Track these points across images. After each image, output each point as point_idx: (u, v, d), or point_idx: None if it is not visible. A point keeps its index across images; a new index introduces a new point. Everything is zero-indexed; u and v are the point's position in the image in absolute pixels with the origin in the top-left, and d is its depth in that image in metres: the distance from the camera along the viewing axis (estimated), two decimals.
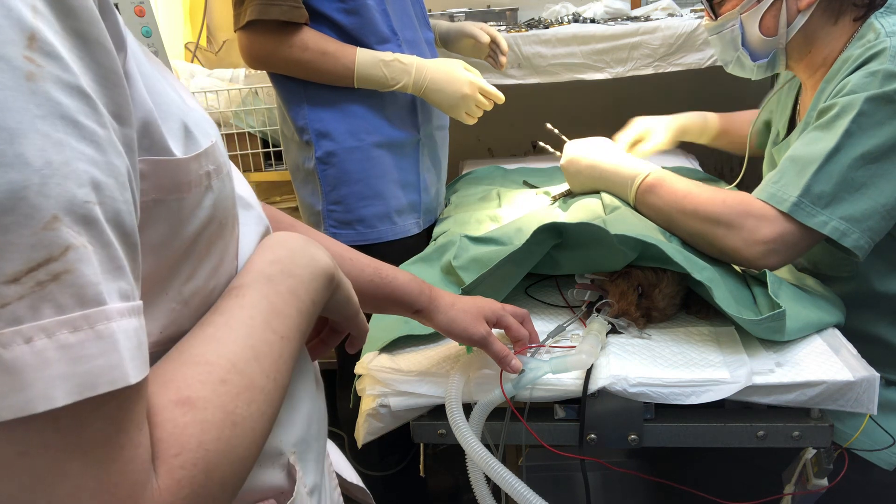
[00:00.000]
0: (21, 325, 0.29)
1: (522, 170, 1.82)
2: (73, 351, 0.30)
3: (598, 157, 1.24)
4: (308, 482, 0.54)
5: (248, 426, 0.41)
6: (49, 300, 0.30)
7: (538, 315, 1.03)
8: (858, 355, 0.88)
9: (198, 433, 0.38)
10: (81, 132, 0.32)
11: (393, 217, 1.45)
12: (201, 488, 0.37)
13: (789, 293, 0.98)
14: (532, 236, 0.98)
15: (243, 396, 0.41)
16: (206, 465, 0.37)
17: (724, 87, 1.39)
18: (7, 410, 0.29)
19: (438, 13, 2.12)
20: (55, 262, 0.30)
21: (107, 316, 0.31)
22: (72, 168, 0.31)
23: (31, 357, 0.29)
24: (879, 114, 0.92)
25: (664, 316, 0.99)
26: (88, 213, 0.31)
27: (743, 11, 1.09)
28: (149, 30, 1.45)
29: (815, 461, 0.88)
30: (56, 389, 0.30)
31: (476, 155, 2.31)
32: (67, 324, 0.30)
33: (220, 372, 0.41)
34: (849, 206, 0.93)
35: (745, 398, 0.84)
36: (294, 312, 0.49)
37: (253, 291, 0.47)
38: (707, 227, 1.01)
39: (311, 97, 1.37)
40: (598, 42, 1.83)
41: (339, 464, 0.71)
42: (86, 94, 0.33)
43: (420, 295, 0.79)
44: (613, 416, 0.85)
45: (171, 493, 0.35)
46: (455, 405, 0.81)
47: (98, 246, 0.32)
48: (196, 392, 0.39)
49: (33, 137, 0.30)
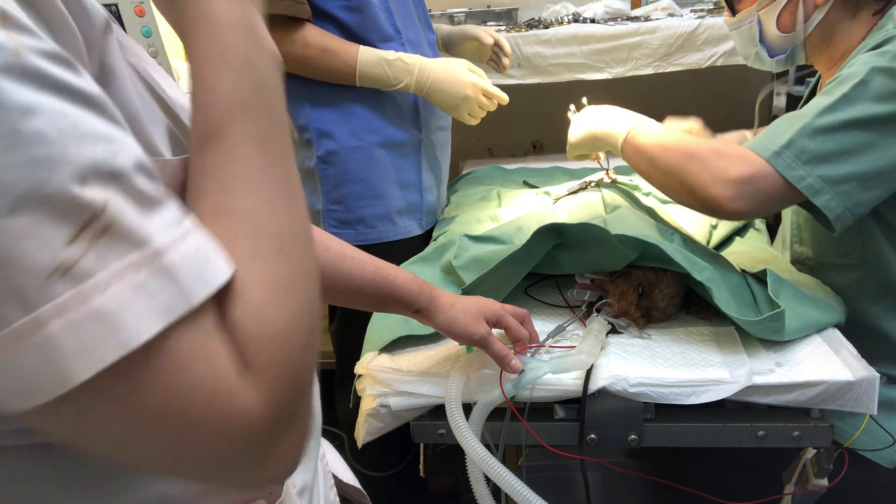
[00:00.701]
0: (94, 277, 0.32)
1: (522, 170, 1.82)
2: (144, 289, 0.33)
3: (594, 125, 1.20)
4: (297, 482, 0.54)
5: (300, 284, 0.41)
6: (108, 250, 0.33)
7: (538, 315, 1.03)
8: (858, 355, 0.88)
9: (254, 315, 0.38)
10: (75, 95, 0.33)
11: (393, 217, 1.44)
12: (285, 359, 0.39)
13: (789, 293, 0.98)
14: (532, 236, 0.98)
15: (281, 258, 0.41)
16: (282, 339, 0.39)
17: (724, 87, 1.39)
18: (112, 352, 0.32)
19: (438, 13, 2.12)
20: (99, 217, 0.32)
21: (159, 252, 0.34)
22: (82, 130, 0.33)
23: (113, 301, 0.32)
24: (882, 87, 0.91)
25: (664, 316, 0.99)
26: (111, 166, 0.34)
27: (760, 8, 1.09)
28: (149, 30, 1.45)
29: (816, 461, 0.88)
30: (144, 322, 0.33)
31: (476, 155, 2.31)
32: (131, 266, 0.33)
33: (248, 246, 0.40)
34: (829, 167, 0.91)
35: (745, 398, 0.84)
36: (279, 130, 0.44)
37: (231, 133, 0.42)
38: (682, 161, 0.98)
39: (312, 96, 1.36)
40: (598, 42, 1.83)
41: (335, 465, 0.71)
42: (64, 57, 0.34)
43: (420, 294, 0.80)
44: (613, 416, 0.85)
45: (263, 376, 0.38)
46: (455, 405, 0.81)
47: (129, 193, 0.34)
48: (243, 279, 0.39)
49: (41, 111, 0.31)
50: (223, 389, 0.36)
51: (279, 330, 0.39)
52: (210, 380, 0.36)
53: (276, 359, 0.39)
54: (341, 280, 0.75)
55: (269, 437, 0.39)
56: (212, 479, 0.42)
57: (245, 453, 0.38)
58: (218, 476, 0.40)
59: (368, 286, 0.76)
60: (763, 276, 1.00)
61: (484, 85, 1.36)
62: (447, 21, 2.13)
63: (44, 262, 0.31)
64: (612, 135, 1.12)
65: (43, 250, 0.31)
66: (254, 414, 0.37)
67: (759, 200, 0.94)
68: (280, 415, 0.39)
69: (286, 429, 0.40)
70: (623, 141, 1.09)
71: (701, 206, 0.98)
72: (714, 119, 1.37)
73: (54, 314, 0.31)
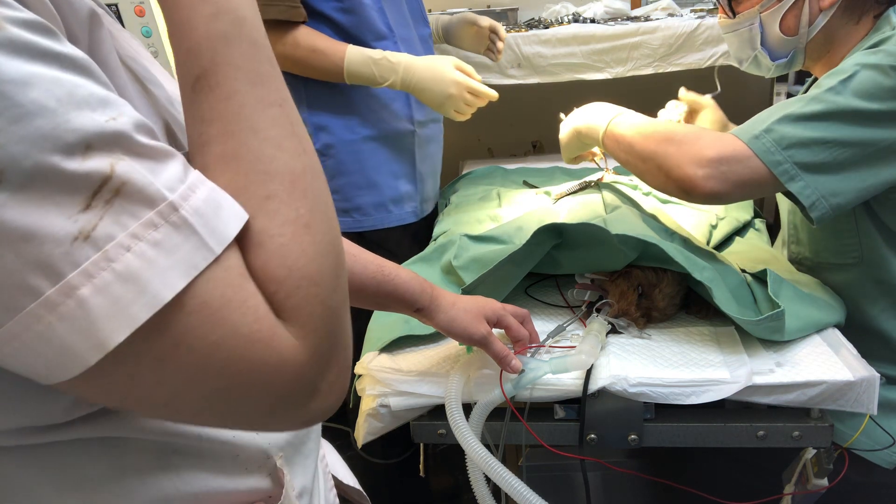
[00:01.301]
0: (115, 239, 0.33)
1: (522, 170, 1.82)
2: (165, 245, 0.34)
3: (576, 122, 1.20)
4: (297, 485, 0.54)
5: (318, 219, 0.41)
6: (123, 211, 0.33)
7: (538, 315, 1.03)
8: (858, 355, 0.88)
9: (279, 258, 0.38)
10: (63, 61, 0.33)
11: (388, 206, 1.49)
12: (317, 297, 0.39)
13: (789, 293, 0.98)
14: (532, 236, 0.98)
15: (295, 195, 0.40)
16: (309, 277, 0.39)
17: (724, 87, 1.39)
18: (143, 311, 0.33)
19: (438, 13, 2.12)
20: (110, 180, 0.33)
21: (173, 207, 0.34)
22: (78, 97, 0.33)
23: (137, 261, 0.33)
24: (866, 81, 0.91)
25: (664, 316, 0.99)
26: (113, 129, 0.34)
27: (763, 10, 1.07)
28: (149, 30, 1.45)
29: (815, 461, 0.88)
30: (170, 278, 0.34)
31: (476, 155, 2.31)
32: (148, 225, 0.33)
33: (260, 189, 0.39)
34: (806, 153, 0.91)
35: (745, 398, 0.84)
36: (268, 65, 0.42)
37: (222, 73, 0.40)
38: (660, 145, 0.97)
39: (309, 92, 1.41)
40: (598, 42, 1.83)
41: (335, 466, 0.71)
42: (44, 25, 0.33)
43: (422, 293, 0.80)
44: (613, 416, 0.85)
45: (298, 317, 0.38)
46: (455, 405, 0.81)
47: (135, 152, 0.34)
48: (262, 224, 0.39)
49: (36, 81, 0.31)
50: (262, 335, 0.37)
51: (306, 269, 0.39)
52: (247, 327, 0.36)
53: (308, 298, 0.39)
54: None
55: (312, 376, 0.40)
56: (262, 425, 0.43)
57: (292, 394, 0.39)
58: (268, 420, 0.41)
59: (370, 284, 0.77)
60: (763, 275, 1.00)
61: (469, 83, 1.36)
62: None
63: (63, 230, 0.32)
64: (593, 128, 1.12)
65: (61, 220, 0.31)
66: (295, 354, 0.38)
67: (732, 182, 0.93)
68: (320, 351, 0.40)
69: (327, 364, 0.41)
70: (603, 133, 1.09)
71: (675, 187, 0.97)
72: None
73: (83, 279, 0.32)
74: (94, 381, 0.34)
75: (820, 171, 0.91)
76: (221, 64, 0.40)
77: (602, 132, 1.09)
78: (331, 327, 0.41)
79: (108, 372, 0.34)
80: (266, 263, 0.38)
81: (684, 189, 0.95)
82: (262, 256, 0.38)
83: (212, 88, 0.40)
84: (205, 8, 0.41)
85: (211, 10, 0.41)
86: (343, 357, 0.43)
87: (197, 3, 0.41)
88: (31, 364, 0.33)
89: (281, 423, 0.43)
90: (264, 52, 0.42)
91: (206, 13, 0.41)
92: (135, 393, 0.36)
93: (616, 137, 1.07)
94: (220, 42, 0.40)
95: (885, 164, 0.92)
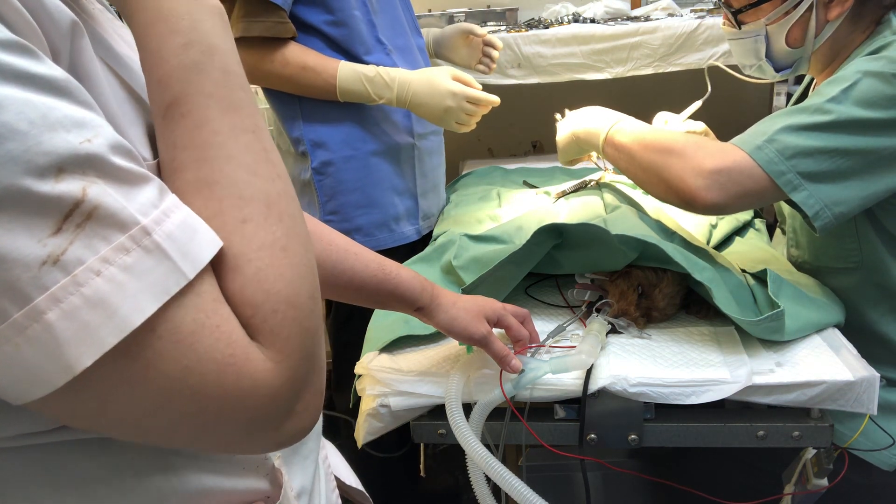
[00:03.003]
0: (85, 263, 0.32)
1: (522, 170, 1.82)
2: (136, 269, 0.34)
3: (575, 126, 1.20)
4: (295, 485, 0.54)
5: (294, 243, 0.41)
6: (94, 235, 0.33)
7: (538, 315, 1.03)
8: (858, 355, 0.88)
9: (256, 282, 0.39)
10: (39, 83, 0.33)
11: (391, 224, 1.44)
12: (293, 320, 0.40)
13: (789, 293, 0.98)
14: (532, 237, 0.98)
15: (271, 219, 0.41)
16: (287, 300, 0.39)
17: (724, 88, 1.39)
18: (112, 335, 0.33)
19: (438, 13, 2.12)
20: (80, 204, 0.33)
21: (145, 231, 0.34)
22: (51, 119, 0.32)
23: (106, 285, 0.33)
24: (868, 90, 0.91)
25: (664, 316, 0.99)
26: (87, 152, 0.33)
27: (770, 23, 1.05)
28: None
29: (815, 461, 0.88)
30: (140, 302, 0.34)
31: (476, 155, 2.31)
32: (119, 249, 0.34)
33: (236, 213, 0.40)
34: (810, 162, 0.90)
35: (745, 398, 0.84)
36: (241, 92, 0.43)
37: (193, 101, 0.41)
38: (661, 155, 0.97)
39: (305, 108, 1.36)
40: (598, 42, 1.83)
41: (337, 467, 0.71)
42: (22, 45, 0.33)
43: (422, 292, 0.80)
44: (613, 416, 0.85)
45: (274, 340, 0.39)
46: (455, 405, 0.81)
47: (108, 175, 0.34)
48: (238, 248, 0.39)
49: (7, 104, 0.31)
50: (235, 359, 0.37)
51: (284, 292, 0.39)
52: (220, 351, 0.36)
53: (285, 321, 0.39)
54: (344, 275, 0.75)
55: (288, 397, 0.40)
56: (236, 446, 0.43)
57: (266, 417, 0.39)
58: (241, 442, 0.41)
59: (370, 282, 0.77)
60: (763, 275, 1.00)
61: (468, 92, 1.32)
62: (447, 21, 2.13)
63: (32, 254, 0.32)
64: (592, 134, 1.12)
65: (30, 243, 0.32)
66: (270, 378, 0.38)
67: (734, 193, 0.92)
68: (298, 374, 0.40)
69: (304, 386, 0.41)
70: (603, 140, 1.09)
71: (676, 198, 0.97)
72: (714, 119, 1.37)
73: (50, 303, 0.32)
74: (62, 403, 0.34)
75: (823, 180, 0.91)
76: (193, 93, 0.41)
77: (602, 139, 1.09)
78: (308, 349, 0.41)
79: (76, 394, 0.34)
80: (243, 288, 0.38)
81: (686, 200, 0.95)
82: (238, 280, 0.38)
83: (183, 116, 0.40)
84: (175, 38, 0.41)
85: (181, 40, 0.41)
86: (318, 378, 0.43)
87: (167, 34, 0.41)
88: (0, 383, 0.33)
89: (254, 446, 0.43)
90: (237, 78, 0.43)
91: (176, 44, 0.41)
92: (105, 415, 0.36)
93: (616, 146, 1.06)
94: (192, 72, 0.41)
95: (887, 172, 0.92)
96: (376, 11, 1.36)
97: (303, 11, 1.29)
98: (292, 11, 1.27)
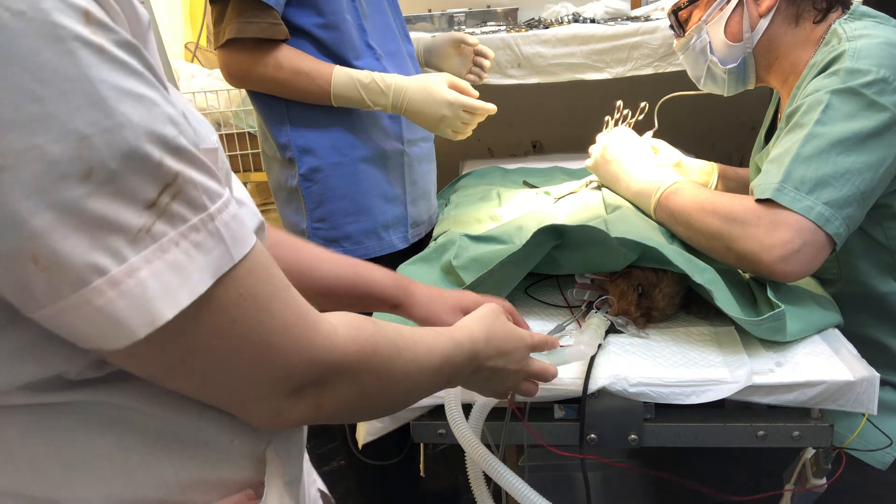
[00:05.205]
0: (168, 235, 0.39)
1: (522, 170, 1.82)
2: (202, 246, 0.40)
3: (629, 164, 1.23)
4: (287, 473, 0.55)
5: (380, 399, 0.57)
6: (176, 215, 0.39)
7: (538, 315, 1.03)
8: (858, 355, 0.88)
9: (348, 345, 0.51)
10: (146, 81, 0.39)
11: (379, 232, 1.42)
12: None
13: (789, 294, 0.98)
14: (532, 237, 0.98)
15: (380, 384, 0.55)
16: None
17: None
18: (186, 296, 0.39)
19: (438, 13, 2.12)
20: (171, 186, 0.39)
21: (211, 217, 0.41)
22: (155, 114, 0.39)
23: (183, 256, 0.39)
24: (847, 106, 0.93)
25: (664, 316, 0.99)
26: (179, 145, 0.40)
27: (708, 21, 1.15)
28: None
29: (814, 461, 0.88)
30: (204, 273, 0.40)
31: (476, 155, 2.31)
32: (193, 228, 0.40)
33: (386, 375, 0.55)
34: (832, 190, 0.91)
35: (745, 398, 0.84)
36: (444, 383, 0.65)
37: (457, 354, 0.63)
38: (724, 225, 0.97)
39: (292, 114, 1.34)
40: (598, 42, 1.83)
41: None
42: (135, 46, 0.39)
43: (396, 289, 0.81)
44: (613, 416, 0.85)
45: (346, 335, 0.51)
46: (454, 405, 0.81)
47: (191, 166, 0.40)
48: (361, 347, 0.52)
49: (127, 99, 0.37)
50: (305, 322, 0.47)
51: None
52: (294, 315, 0.47)
53: None
54: (319, 282, 0.77)
55: (341, 372, 0.50)
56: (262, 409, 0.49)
57: (315, 381, 0.49)
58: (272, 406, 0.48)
59: (344, 285, 0.79)
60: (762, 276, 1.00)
61: (465, 101, 1.30)
62: (447, 22, 2.13)
63: (132, 221, 0.38)
64: (642, 194, 1.16)
65: (131, 213, 0.38)
66: (342, 345, 0.49)
67: (808, 256, 0.92)
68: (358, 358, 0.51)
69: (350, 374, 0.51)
70: (655, 204, 1.11)
71: (751, 269, 0.98)
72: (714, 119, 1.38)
73: (143, 263, 0.38)
74: (135, 351, 0.39)
75: (847, 204, 0.91)
76: (458, 357, 0.65)
77: (654, 203, 1.11)
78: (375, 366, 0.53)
79: (151, 344, 0.39)
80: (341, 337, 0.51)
81: (762, 274, 0.95)
82: (346, 333, 0.52)
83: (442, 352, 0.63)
84: (484, 339, 0.68)
85: (494, 349, 0.69)
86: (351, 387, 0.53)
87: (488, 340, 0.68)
88: (82, 332, 0.38)
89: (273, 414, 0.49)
90: (459, 377, 0.68)
91: (481, 339, 0.68)
92: (166, 364, 0.42)
93: (670, 211, 1.07)
94: (469, 351, 0.66)
95: (888, 179, 0.94)
96: (367, 16, 1.34)
97: (293, 14, 1.27)
98: (283, 14, 1.25)
